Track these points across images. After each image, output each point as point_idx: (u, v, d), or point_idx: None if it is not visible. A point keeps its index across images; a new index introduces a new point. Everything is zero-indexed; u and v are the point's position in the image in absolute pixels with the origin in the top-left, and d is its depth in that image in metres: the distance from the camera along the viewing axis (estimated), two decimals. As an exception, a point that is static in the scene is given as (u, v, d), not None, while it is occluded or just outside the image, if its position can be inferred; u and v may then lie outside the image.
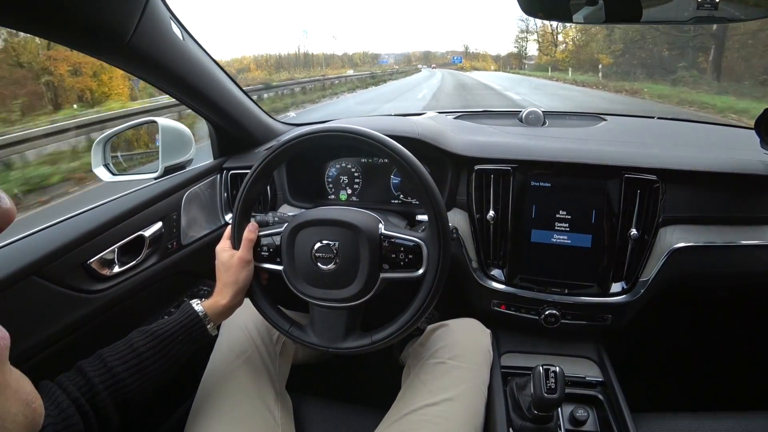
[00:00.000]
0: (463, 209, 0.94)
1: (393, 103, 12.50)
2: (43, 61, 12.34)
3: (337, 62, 64.91)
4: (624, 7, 0.62)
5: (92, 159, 1.00)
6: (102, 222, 0.76)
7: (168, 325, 0.62)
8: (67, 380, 0.52)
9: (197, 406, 0.70)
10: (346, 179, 1.08)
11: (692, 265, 0.87)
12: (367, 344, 0.66)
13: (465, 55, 76.97)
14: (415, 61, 75.94)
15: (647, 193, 0.84)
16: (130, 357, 0.57)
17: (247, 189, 0.69)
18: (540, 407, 0.71)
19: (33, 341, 0.65)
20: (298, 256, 0.68)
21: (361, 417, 0.77)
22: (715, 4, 0.59)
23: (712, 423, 0.76)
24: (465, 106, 10.71)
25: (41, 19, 0.56)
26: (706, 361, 1.30)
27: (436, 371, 0.74)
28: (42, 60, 12.35)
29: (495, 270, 0.93)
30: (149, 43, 0.71)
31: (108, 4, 0.61)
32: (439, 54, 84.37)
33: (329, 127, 0.65)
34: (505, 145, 0.94)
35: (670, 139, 1.05)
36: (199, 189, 1.02)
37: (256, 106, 1.12)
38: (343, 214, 0.67)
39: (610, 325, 0.89)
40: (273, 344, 0.81)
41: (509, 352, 0.93)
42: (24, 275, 0.63)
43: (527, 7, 0.64)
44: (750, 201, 0.86)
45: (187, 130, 1.02)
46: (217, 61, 0.93)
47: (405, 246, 0.65)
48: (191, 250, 0.98)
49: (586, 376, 0.85)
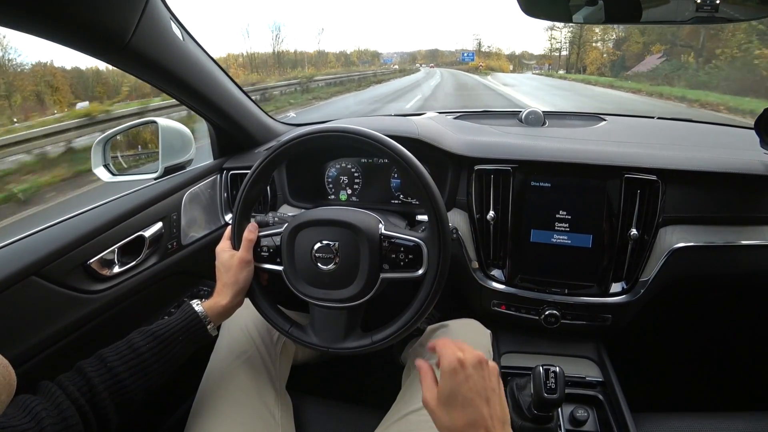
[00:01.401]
0: (463, 209, 0.94)
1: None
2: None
3: (332, 61, 58.98)
4: (623, 7, 0.62)
5: (92, 159, 1.00)
6: (102, 222, 0.76)
7: (168, 326, 0.62)
8: (66, 380, 0.52)
9: (197, 407, 0.70)
10: (346, 179, 1.08)
11: (692, 265, 0.87)
12: (367, 344, 0.66)
13: (477, 52, 64.71)
14: (421, 60, 73.34)
15: (647, 193, 0.84)
16: (130, 357, 0.57)
17: (246, 189, 0.69)
18: (540, 407, 0.71)
19: (33, 341, 0.65)
20: (298, 256, 0.68)
21: (361, 417, 0.77)
22: (715, 5, 0.59)
23: (713, 423, 0.76)
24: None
25: (41, 20, 0.56)
26: (706, 361, 1.30)
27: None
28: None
29: (495, 270, 0.93)
30: (149, 44, 0.71)
31: (108, 4, 0.61)
32: (447, 52, 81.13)
33: (329, 128, 0.65)
34: (505, 145, 0.94)
35: (670, 139, 1.05)
36: (199, 189, 1.02)
37: (255, 106, 1.12)
38: (343, 214, 0.67)
39: (610, 325, 0.89)
40: (273, 344, 0.81)
41: (509, 353, 0.93)
42: (24, 275, 0.63)
43: (527, 8, 0.64)
44: (750, 201, 0.86)
45: (187, 131, 1.02)
46: (217, 62, 0.93)
47: (405, 246, 0.65)
48: (191, 250, 0.98)
49: (586, 377, 0.85)
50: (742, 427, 0.75)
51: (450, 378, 0.46)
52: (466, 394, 0.45)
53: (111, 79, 21.17)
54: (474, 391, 0.45)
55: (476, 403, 0.45)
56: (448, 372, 0.47)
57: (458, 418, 0.45)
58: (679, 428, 0.76)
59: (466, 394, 0.45)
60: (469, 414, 0.45)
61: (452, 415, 0.45)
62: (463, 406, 0.45)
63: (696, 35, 16.68)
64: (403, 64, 57.78)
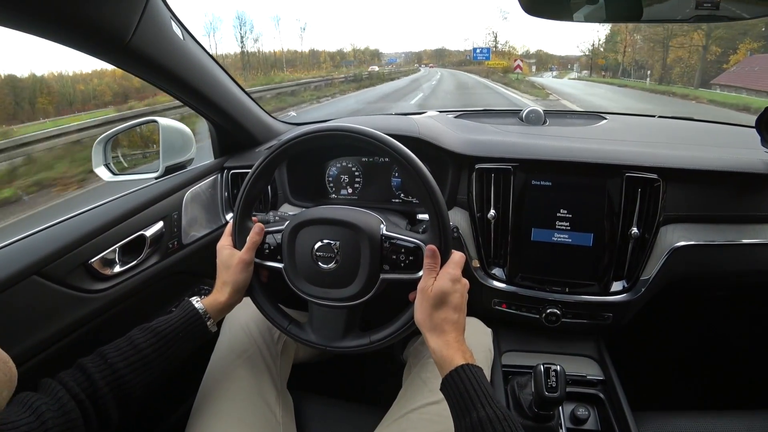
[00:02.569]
0: (464, 208, 0.94)
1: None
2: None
3: (326, 61, 53.51)
4: (624, 5, 0.62)
5: (93, 159, 1.00)
6: (103, 222, 0.77)
7: (168, 322, 0.62)
8: (67, 377, 0.53)
9: (198, 405, 0.70)
10: (346, 178, 1.08)
11: (693, 264, 0.87)
12: (365, 344, 0.67)
13: (494, 51, 52.15)
14: (427, 60, 71.34)
15: (648, 192, 0.84)
16: (130, 353, 0.57)
17: (248, 188, 0.69)
18: (541, 406, 0.71)
19: (34, 341, 0.65)
20: (298, 254, 0.68)
21: (362, 415, 0.78)
22: (716, 3, 0.59)
23: (713, 421, 0.76)
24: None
25: (41, 20, 0.56)
26: (707, 359, 1.30)
27: (436, 370, 0.74)
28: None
29: (496, 269, 0.93)
30: (149, 43, 0.71)
31: (108, 4, 0.61)
32: (456, 51, 78.05)
33: (330, 127, 0.65)
34: (505, 144, 0.94)
35: (670, 137, 1.05)
36: (200, 188, 1.02)
37: (256, 105, 1.12)
38: (344, 213, 0.67)
39: (611, 324, 0.89)
40: (274, 343, 0.81)
41: (510, 351, 0.93)
42: (25, 275, 0.63)
43: (528, 7, 0.64)
44: (750, 199, 0.86)
45: (188, 130, 1.02)
46: (217, 61, 0.93)
47: (406, 248, 0.65)
48: (192, 249, 0.98)
49: (587, 375, 0.86)
50: (742, 426, 0.75)
51: (450, 282, 0.59)
52: (453, 299, 0.59)
53: (63, 88, 18.51)
54: (458, 299, 0.60)
55: (458, 309, 0.59)
56: (450, 277, 0.59)
57: (438, 317, 0.58)
58: (679, 426, 0.76)
59: (453, 300, 0.59)
60: (449, 314, 0.58)
61: (436, 312, 0.58)
62: (447, 308, 0.59)
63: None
64: (408, 64, 56.03)
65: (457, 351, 0.56)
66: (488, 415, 0.49)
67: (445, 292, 0.58)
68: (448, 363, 0.55)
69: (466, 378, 0.53)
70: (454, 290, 0.59)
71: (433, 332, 0.58)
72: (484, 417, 0.49)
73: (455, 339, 0.58)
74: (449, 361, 0.55)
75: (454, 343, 0.57)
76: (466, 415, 0.50)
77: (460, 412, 0.52)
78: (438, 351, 0.57)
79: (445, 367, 0.55)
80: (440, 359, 0.57)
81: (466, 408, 0.51)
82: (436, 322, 0.58)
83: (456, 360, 0.55)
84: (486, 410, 0.49)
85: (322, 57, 58.46)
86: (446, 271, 0.61)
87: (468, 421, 0.50)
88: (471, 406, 0.50)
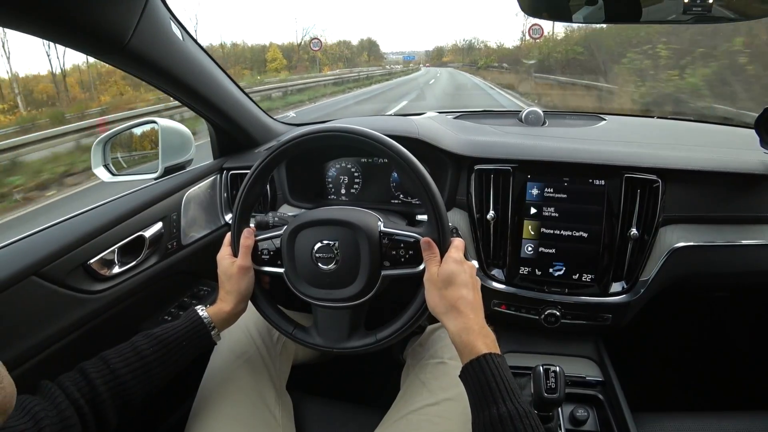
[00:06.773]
0: (463, 209, 0.94)
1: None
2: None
3: (324, 61, 53.59)
4: (623, 6, 0.62)
5: (92, 159, 1.00)
6: (102, 222, 0.76)
7: (173, 331, 0.62)
8: (67, 380, 0.53)
9: (198, 406, 0.70)
10: (346, 179, 1.08)
11: (692, 265, 0.87)
12: (372, 343, 0.66)
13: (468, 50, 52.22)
14: (424, 60, 71.34)
15: (647, 193, 0.84)
16: (133, 360, 0.57)
17: (246, 191, 0.69)
18: (540, 407, 0.71)
19: (33, 341, 0.65)
20: (298, 257, 0.68)
21: (361, 417, 0.77)
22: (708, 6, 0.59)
23: (713, 422, 0.76)
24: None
25: (41, 20, 0.56)
26: (706, 360, 1.30)
27: (436, 371, 0.74)
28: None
29: (495, 270, 0.93)
30: (149, 44, 0.71)
31: (108, 4, 0.61)
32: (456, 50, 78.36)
33: (329, 127, 0.65)
34: (505, 145, 0.94)
35: (669, 138, 1.05)
36: (199, 189, 1.02)
37: (255, 106, 1.12)
38: (341, 213, 0.67)
39: (611, 325, 0.89)
40: (273, 344, 0.81)
41: (509, 352, 0.93)
42: (24, 276, 0.63)
43: (528, 7, 0.64)
44: (750, 200, 0.86)
45: (187, 131, 1.02)
46: (217, 62, 0.93)
47: (405, 242, 0.64)
48: (191, 250, 0.98)
49: (586, 376, 0.85)
50: (742, 427, 0.75)
51: (454, 264, 0.59)
52: (462, 278, 0.58)
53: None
54: (467, 278, 0.59)
55: (469, 286, 0.58)
56: (453, 259, 0.59)
57: (450, 296, 0.57)
58: (679, 428, 0.76)
59: (462, 278, 0.58)
60: (461, 291, 0.57)
61: (447, 292, 0.57)
62: (458, 286, 0.57)
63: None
64: (407, 63, 55.74)
65: (479, 336, 0.53)
66: (509, 411, 0.46)
67: (452, 272, 0.57)
68: (469, 350, 0.52)
69: (488, 369, 0.50)
70: (461, 270, 0.58)
71: (449, 314, 0.56)
72: (505, 413, 0.46)
73: (475, 322, 0.54)
74: (470, 347, 0.52)
75: (475, 326, 0.54)
76: (485, 409, 0.48)
77: (480, 404, 0.49)
78: (458, 335, 0.54)
79: (466, 354, 0.53)
80: (461, 345, 0.54)
81: (486, 401, 0.48)
82: (450, 302, 0.56)
83: (478, 347, 0.52)
84: (507, 405, 0.47)
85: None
86: (449, 255, 0.60)
87: (488, 414, 0.48)
88: (491, 400, 0.48)
